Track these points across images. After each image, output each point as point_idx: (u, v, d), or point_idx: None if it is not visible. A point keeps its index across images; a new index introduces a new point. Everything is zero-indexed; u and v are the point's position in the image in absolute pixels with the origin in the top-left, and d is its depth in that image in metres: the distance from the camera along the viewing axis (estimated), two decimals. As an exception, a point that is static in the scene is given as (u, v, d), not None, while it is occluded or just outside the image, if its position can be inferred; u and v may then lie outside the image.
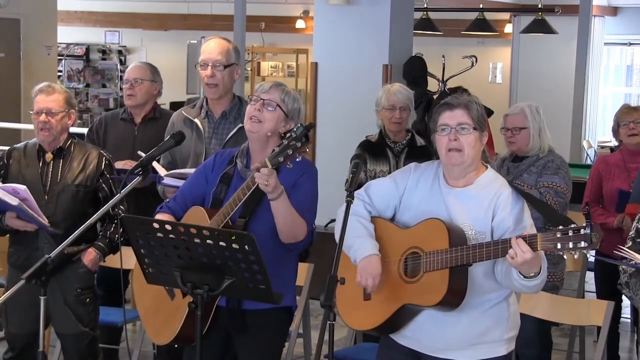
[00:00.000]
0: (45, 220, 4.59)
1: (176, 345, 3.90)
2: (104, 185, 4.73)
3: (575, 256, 3.22)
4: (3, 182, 4.69)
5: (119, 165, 5.11)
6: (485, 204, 3.50)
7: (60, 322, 4.76)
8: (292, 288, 3.99)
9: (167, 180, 4.54)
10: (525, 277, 3.33)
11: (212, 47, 4.70)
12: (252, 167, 3.78)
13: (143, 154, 4.84)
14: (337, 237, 3.53)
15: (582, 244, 3.15)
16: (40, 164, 4.72)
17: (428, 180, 3.61)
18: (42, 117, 4.63)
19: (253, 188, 3.64)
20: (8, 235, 4.83)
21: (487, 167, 3.62)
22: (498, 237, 3.44)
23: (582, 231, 3.15)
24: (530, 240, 3.23)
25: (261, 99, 3.84)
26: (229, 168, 3.93)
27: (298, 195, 3.78)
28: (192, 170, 4.40)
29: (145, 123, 5.56)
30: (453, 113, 3.52)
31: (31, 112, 4.70)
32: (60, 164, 4.72)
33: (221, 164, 3.97)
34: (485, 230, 3.47)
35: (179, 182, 4.42)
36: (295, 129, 3.59)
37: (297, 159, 3.60)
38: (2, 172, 4.78)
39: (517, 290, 3.48)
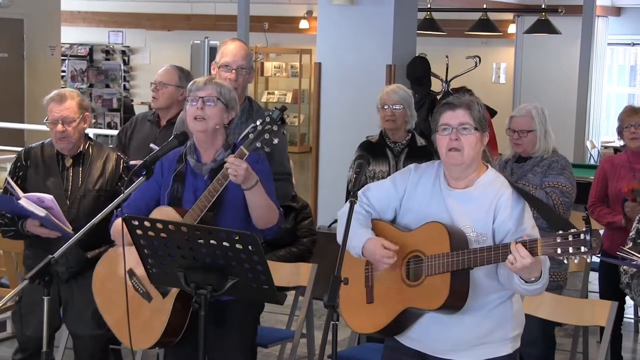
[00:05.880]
0: (69, 229, 4.57)
1: (156, 348, 3.90)
2: (122, 188, 4.72)
3: (575, 261, 3.21)
4: (21, 183, 4.68)
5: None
6: (486, 205, 3.49)
7: (78, 323, 4.75)
8: None
9: None
10: (526, 281, 3.33)
11: (237, 50, 4.68)
12: (203, 161, 3.89)
13: (155, 147, 4.85)
14: (339, 238, 3.53)
15: (582, 249, 3.13)
16: (60, 169, 4.72)
17: (429, 181, 3.60)
18: (59, 127, 4.62)
19: (230, 178, 3.70)
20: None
21: (487, 167, 3.61)
22: (499, 239, 3.43)
23: (581, 236, 3.13)
24: (530, 246, 3.22)
25: (199, 97, 3.90)
26: (180, 167, 3.96)
27: (262, 181, 3.80)
28: None
29: (168, 127, 5.56)
30: (455, 113, 3.50)
31: (46, 121, 4.69)
32: (80, 169, 4.72)
33: (170, 165, 4.00)
34: (487, 232, 3.46)
35: None
36: (271, 112, 3.67)
37: (275, 142, 3.65)
38: (20, 173, 4.75)
39: (520, 293, 3.47)
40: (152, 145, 4.99)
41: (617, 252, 3.61)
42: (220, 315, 3.88)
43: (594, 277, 6.54)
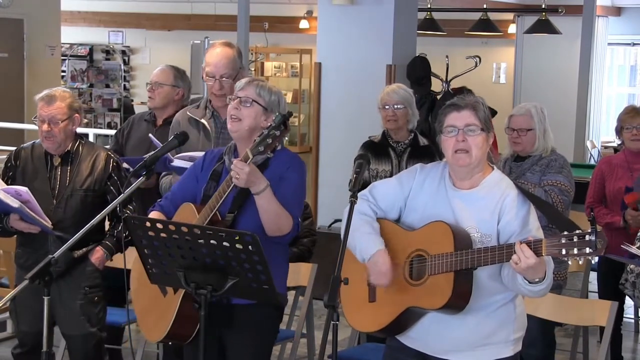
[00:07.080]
0: (48, 223, 4.58)
1: (170, 343, 3.90)
2: (111, 187, 4.72)
3: (580, 262, 3.20)
4: (11, 183, 4.69)
5: None
6: (491, 206, 3.48)
7: (68, 322, 4.76)
8: (283, 282, 3.99)
9: (177, 163, 4.54)
10: (530, 282, 3.33)
11: (218, 59, 4.67)
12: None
13: (154, 139, 4.85)
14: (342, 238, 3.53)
15: (587, 250, 3.13)
16: (48, 168, 4.72)
17: (434, 181, 3.59)
18: (45, 126, 4.62)
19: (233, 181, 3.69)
20: (15, 236, 4.83)
21: (493, 168, 3.60)
22: (504, 240, 3.42)
23: (587, 237, 3.13)
24: (535, 246, 3.22)
25: (238, 97, 3.89)
26: (217, 165, 3.97)
27: (284, 188, 3.80)
28: (202, 153, 4.41)
29: (164, 126, 5.57)
30: (460, 114, 3.49)
31: (34, 119, 4.69)
32: (69, 168, 4.71)
33: (210, 162, 4.01)
34: (491, 233, 3.45)
35: (189, 164, 4.43)
36: (273, 118, 3.66)
37: (278, 148, 3.68)
38: (10, 173, 4.77)
39: (523, 294, 3.46)
40: (151, 135, 4.98)
41: (621, 246, 3.60)
42: (240, 323, 3.87)
43: (594, 277, 6.55)
